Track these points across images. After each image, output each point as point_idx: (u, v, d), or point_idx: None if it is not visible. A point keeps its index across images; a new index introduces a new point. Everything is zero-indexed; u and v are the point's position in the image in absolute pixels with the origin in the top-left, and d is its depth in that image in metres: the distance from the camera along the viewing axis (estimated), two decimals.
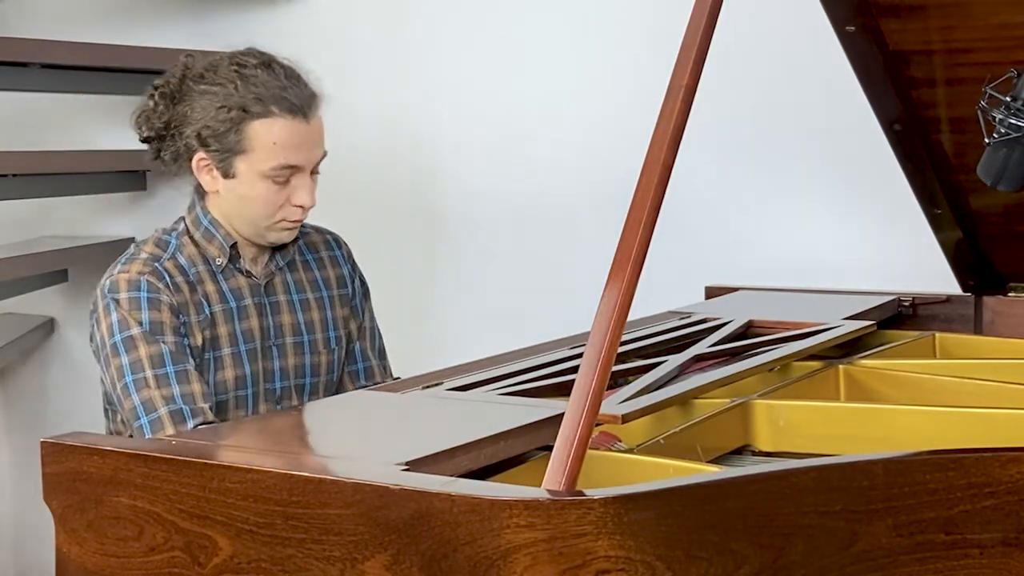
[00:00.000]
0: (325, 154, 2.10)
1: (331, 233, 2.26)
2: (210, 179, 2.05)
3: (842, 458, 1.19)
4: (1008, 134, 1.87)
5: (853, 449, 1.56)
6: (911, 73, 2.02)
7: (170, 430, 1.90)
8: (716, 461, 1.55)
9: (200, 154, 2.03)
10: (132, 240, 3.39)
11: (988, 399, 1.69)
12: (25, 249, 3.20)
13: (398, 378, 2.24)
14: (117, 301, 1.98)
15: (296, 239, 2.16)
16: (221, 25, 3.24)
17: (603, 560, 1.05)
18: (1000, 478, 1.16)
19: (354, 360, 2.23)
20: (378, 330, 2.29)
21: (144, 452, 1.28)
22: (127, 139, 3.43)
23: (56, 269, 3.33)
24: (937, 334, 2.18)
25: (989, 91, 1.88)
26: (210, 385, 2.02)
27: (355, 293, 2.23)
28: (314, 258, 2.20)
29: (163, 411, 1.92)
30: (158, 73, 2.19)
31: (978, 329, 2.32)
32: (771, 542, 1.12)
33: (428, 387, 1.67)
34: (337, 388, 2.22)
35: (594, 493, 1.07)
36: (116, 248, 3.35)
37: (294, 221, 2.07)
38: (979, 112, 1.90)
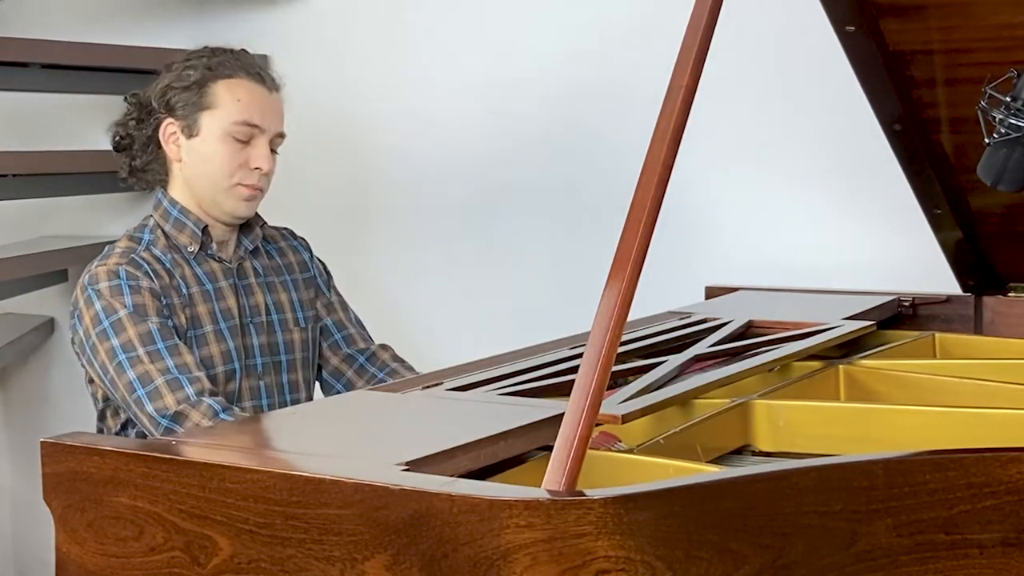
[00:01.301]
0: (284, 136, 2.23)
1: (287, 229, 2.39)
2: (175, 148, 2.18)
3: (842, 458, 1.19)
4: (1008, 134, 1.87)
5: (853, 449, 1.56)
6: (911, 73, 2.02)
7: (169, 398, 1.98)
8: (716, 461, 1.55)
9: (167, 120, 2.16)
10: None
11: (988, 399, 1.69)
12: (25, 249, 3.20)
13: (384, 345, 2.35)
14: (98, 291, 2.06)
15: (258, 225, 2.27)
16: (221, 25, 3.24)
17: (603, 560, 1.05)
18: (1000, 478, 1.16)
19: (331, 333, 2.34)
20: (348, 304, 2.39)
21: (144, 452, 1.28)
22: None
23: (56, 269, 3.33)
24: (937, 334, 2.18)
25: (989, 91, 1.88)
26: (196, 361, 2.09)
27: (317, 275, 2.35)
28: (274, 248, 2.32)
29: (160, 381, 1.99)
30: (158, 73, 2.23)
31: (978, 329, 2.32)
32: (771, 542, 1.12)
33: (428, 387, 1.67)
34: (322, 362, 2.33)
35: (594, 493, 1.07)
36: None
37: (250, 186, 2.17)
38: (979, 112, 1.90)
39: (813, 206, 2.71)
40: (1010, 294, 2.33)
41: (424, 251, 3.10)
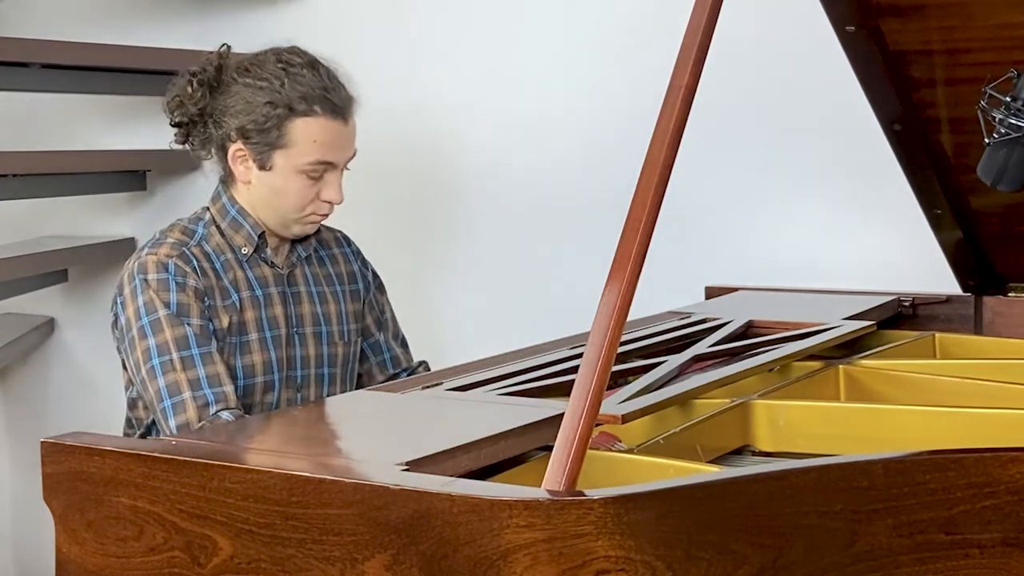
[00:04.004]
0: (355, 153, 2.19)
1: (340, 231, 2.33)
2: (244, 169, 2.12)
3: (842, 458, 1.19)
4: (1008, 134, 1.87)
5: (853, 449, 1.56)
6: (911, 73, 2.02)
7: (192, 413, 1.96)
8: (716, 461, 1.55)
9: (238, 144, 2.10)
10: (132, 240, 3.39)
11: (988, 399, 1.69)
12: (25, 249, 3.20)
13: (423, 362, 2.33)
14: (146, 281, 2.03)
15: (313, 234, 2.22)
16: (221, 25, 3.24)
17: (603, 560, 1.05)
18: (1000, 478, 1.16)
19: (380, 351, 2.31)
20: (397, 321, 2.36)
21: (144, 452, 1.28)
22: (127, 139, 3.45)
23: (56, 269, 3.33)
24: (937, 334, 2.18)
25: (989, 91, 1.88)
26: (238, 368, 2.08)
27: (368, 288, 2.31)
28: (327, 254, 2.27)
29: (187, 395, 1.97)
30: (159, 73, 2.22)
31: (978, 329, 2.32)
32: (771, 542, 1.12)
33: (428, 387, 1.67)
34: (367, 379, 2.29)
35: (594, 493, 1.07)
36: (116, 248, 3.36)
37: (322, 215, 2.15)
38: (979, 112, 1.90)
39: (813, 206, 2.71)
40: (1010, 294, 2.33)
41: (423, 250, 3.10)
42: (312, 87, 2.09)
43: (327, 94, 2.10)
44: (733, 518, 1.11)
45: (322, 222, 2.18)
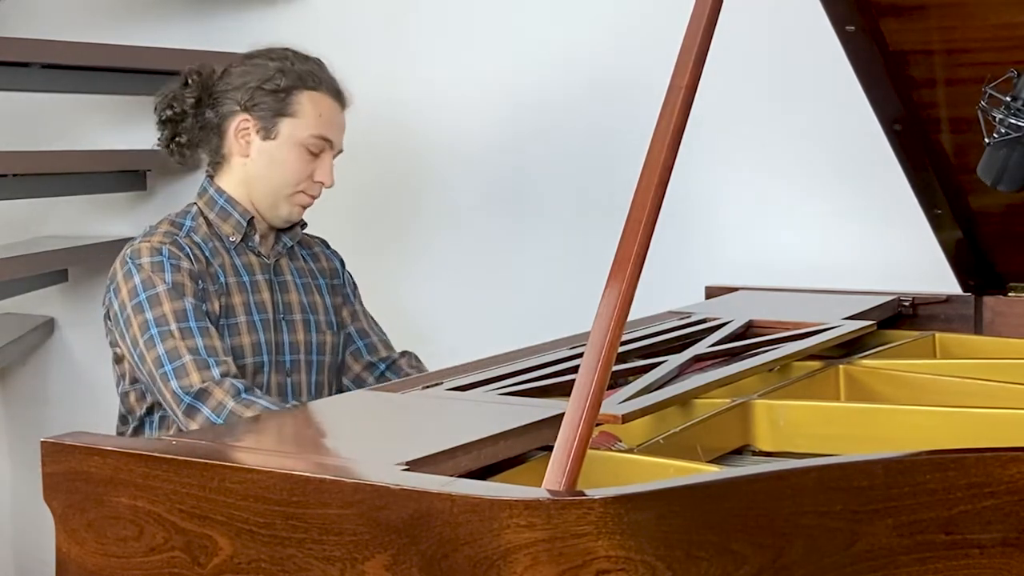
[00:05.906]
0: (341, 150, 2.29)
1: (321, 238, 2.43)
2: (244, 143, 2.21)
3: (842, 458, 1.19)
4: (1008, 134, 1.87)
5: (853, 449, 1.56)
6: (911, 73, 2.02)
7: (195, 376, 2.01)
8: (716, 461, 1.55)
9: (243, 116, 2.20)
10: (132, 240, 3.39)
11: (988, 399, 1.69)
12: (25, 249, 3.20)
13: (406, 352, 2.35)
14: (140, 265, 2.10)
15: (299, 226, 2.30)
16: (221, 25, 3.24)
17: (603, 560, 1.05)
18: (1000, 478, 1.16)
19: (354, 340, 2.36)
20: (372, 318, 2.42)
21: (144, 452, 1.28)
22: (127, 139, 3.45)
23: (56, 269, 3.33)
24: (937, 334, 2.18)
25: (989, 91, 1.88)
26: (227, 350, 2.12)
27: (346, 283, 2.39)
28: (308, 253, 2.36)
29: (188, 359, 2.02)
30: (159, 73, 2.25)
31: (978, 329, 2.32)
32: (771, 542, 1.12)
33: (428, 387, 1.67)
34: (342, 369, 2.34)
35: (594, 493, 1.07)
36: (116, 248, 3.33)
37: (311, 196, 2.24)
38: (979, 112, 1.90)
39: (813, 206, 2.71)
40: (1010, 294, 2.33)
41: (425, 251, 3.10)
42: (319, 71, 2.24)
43: (331, 81, 2.25)
44: (733, 518, 1.11)
45: (306, 211, 2.25)
